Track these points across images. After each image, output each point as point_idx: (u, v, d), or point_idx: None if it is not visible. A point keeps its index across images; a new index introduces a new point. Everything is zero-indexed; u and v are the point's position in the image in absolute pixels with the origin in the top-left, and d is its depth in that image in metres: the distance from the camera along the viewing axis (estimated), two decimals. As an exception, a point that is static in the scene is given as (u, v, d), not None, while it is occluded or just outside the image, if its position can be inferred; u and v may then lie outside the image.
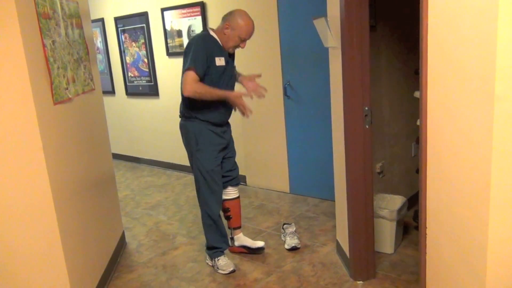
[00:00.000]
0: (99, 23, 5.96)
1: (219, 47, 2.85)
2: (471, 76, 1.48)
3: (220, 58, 2.82)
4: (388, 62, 3.49)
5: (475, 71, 1.46)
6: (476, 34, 1.43)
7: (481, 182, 1.48)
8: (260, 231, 3.66)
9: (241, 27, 2.78)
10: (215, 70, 2.80)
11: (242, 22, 2.79)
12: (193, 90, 2.70)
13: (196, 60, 2.70)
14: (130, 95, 5.99)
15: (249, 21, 2.82)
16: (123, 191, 5.02)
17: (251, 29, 2.83)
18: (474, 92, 1.47)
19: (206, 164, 2.92)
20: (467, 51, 1.49)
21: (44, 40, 2.22)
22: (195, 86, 2.70)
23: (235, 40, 2.81)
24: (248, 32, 2.83)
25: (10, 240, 2.21)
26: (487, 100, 1.39)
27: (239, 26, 2.78)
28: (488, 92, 1.38)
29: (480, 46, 1.41)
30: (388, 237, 3.07)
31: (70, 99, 2.54)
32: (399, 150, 3.75)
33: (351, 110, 2.60)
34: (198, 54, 2.72)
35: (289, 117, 4.36)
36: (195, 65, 2.69)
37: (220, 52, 2.84)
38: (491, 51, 1.35)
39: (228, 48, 2.85)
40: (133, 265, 3.26)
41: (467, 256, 1.62)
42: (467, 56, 1.50)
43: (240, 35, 2.80)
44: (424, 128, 1.86)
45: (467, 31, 1.48)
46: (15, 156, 2.13)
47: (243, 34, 2.80)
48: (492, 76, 1.35)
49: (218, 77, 2.83)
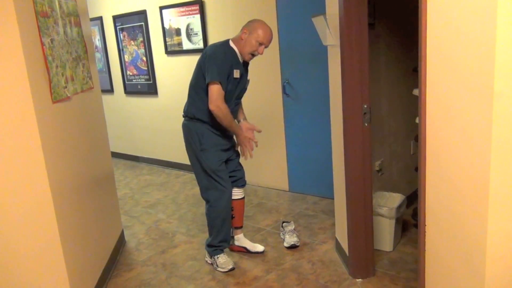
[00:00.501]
0: (98, 22, 5.95)
1: (237, 58, 2.86)
2: (470, 73, 1.49)
3: (236, 71, 2.84)
4: (386, 59, 3.49)
5: (474, 68, 1.46)
6: (475, 30, 1.43)
7: (480, 179, 1.48)
8: (259, 229, 3.66)
9: (259, 30, 2.79)
10: (231, 83, 2.82)
11: (260, 26, 2.80)
12: (218, 107, 2.73)
13: (221, 74, 2.73)
14: (129, 94, 5.99)
15: (268, 28, 2.83)
16: (122, 190, 5.02)
17: (269, 34, 2.82)
18: (473, 89, 1.47)
19: (212, 163, 2.92)
20: (466, 48, 1.49)
21: (42, 38, 2.21)
22: (222, 105, 2.74)
23: (252, 44, 2.79)
24: (266, 36, 2.80)
25: (10, 238, 2.21)
26: (486, 97, 1.39)
27: (257, 29, 2.78)
28: (488, 89, 1.38)
29: (479, 43, 1.41)
30: (387, 235, 3.07)
31: (68, 98, 2.54)
32: (398, 148, 3.76)
33: (350, 108, 2.60)
34: (223, 69, 2.75)
35: (288, 115, 4.36)
36: (221, 79, 2.72)
37: (237, 64, 2.85)
38: (490, 48, 1.35)
39: (245, 54, 2.84)
40: (133, 263, 3.27)
41: (466, 253, 1.63)
42: (466, 53, 1.50)
43: (258, 39, 2.78)
44: (423, 125, 1.86)
45: (466, 28, 1.48)
46: (14, 155, 2.13)
47: (261, 37, 2.78)
48: (491, 73, 1.35)
49: (231, 89, 2.85)
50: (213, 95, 2.72)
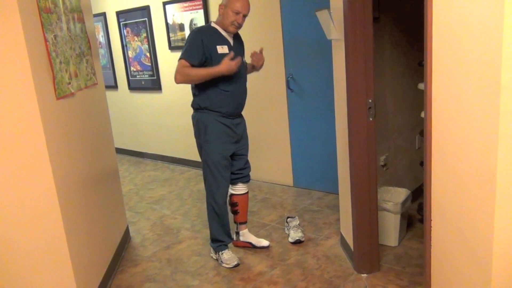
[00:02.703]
0: (101, 18, 5.94)
1: (220, 35, 2.87)
2: (476, 67, 1.47)
3: (222, 46, 2.84)
4: (391, 54, 3.47)
5: (480, 61, 1.44)
6: (482, 23, 1.41)
7: (487, 174, 1.47)
8: (264, 225, 3.66)
9: (232, 1, 2.78)
10: (219, 59, 2.78)
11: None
12: (181, 75, 2.76)
13: (188, 51, 2.78)
14: (133, 90, 5.99)
15: None
16: (126, 186, 5.03)
17: (243, 1, 2.81)
18: (480, 82, 1.45)
19: (213, 156, 2.92)
20: (473, 41, 1.48)
21: (46, 34, 2.21)
22: (182, 70, 2.76)
23: (229, 15, 2.80)
24: (239, 4, 2.78)
25: (15, 235, 2.22)
26: (493, 90, 1.37)
27: (230, 1, 2.79)
28: (494, 82, 1.36)
29: (486, 36, 1.39)
30: (392, 230, 3.06)
31: (72, 94, 2.54)
32: (403, 143, 3.74)
33: (354, 103, 2.59)
34: (191, 46, 2.79)
35: (292, 110, 4.35)
36: (186, 55, 2.77)
37: (222, 40, 2.86)
38: (497, 41, 1.33)
39: (227, 27, 2.84)
40: (138, 259, 3.27)
41: (472, 248, 1.62)
42: (472, 47, 1.48)
43: (233, 9, 2.78)
44: (429, 120, 1.85)
45: (473, 21, 1.47)
46: (19, 152, 2.13)
47: (235, 6, 2.78)
48: (498, 66, 1.33)
49: None
50: (177, 68, 2.77)
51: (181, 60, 2.77)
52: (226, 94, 2.87)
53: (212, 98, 2.86)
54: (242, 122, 3.06)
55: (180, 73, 2.76)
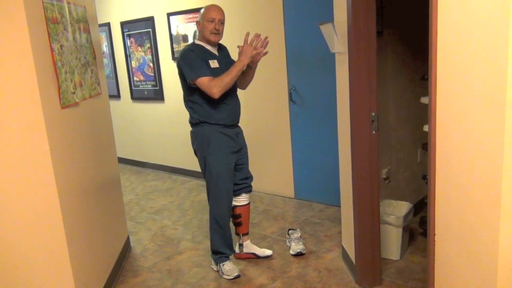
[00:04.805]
0: (105, 28, 5.99)
1: (207, 51, 2.91)
2: (481, 82, 1.47)
3: (213, 61, 2.89)
4: (394, 67, 3.49)
5: (485, 76, 1.45)
6: (487, 38, 1.42)
7: (492, 187, 1.46)
8: (265, 237, 3.64)
9: (203, 11, 2.86)
10: (213, 73, 2.82)
11: (203, 9, 2.88)
12: (217, 87, 2.74)
13: (197, 69, 2.78)
14: (135, 99, 6.01)
15: (210, 4, 2.90)
16: (128, 195, 5.02)
17: (212, 7, 2.86)
18: (485, 97, 1.46)
19: (217, 167, 2.92)
20: (478, 56, 1.48)
21: (52, 44, 2.23)
22: (214, 83, 2.74)
23: (206, 26, 2.84)
24: (210, 11, 2.84)
25: (17, 243, 2.21)
26: (498, 105, 1.38)
27: (202, 12, 2.87)
28: (500, 97, 1.37)
29: (491, 51, 1.40)
30: (394, 243, 3.05)
31: (77, 103, 2.55)
32: (405, 156, 3.74)
33: (358, 116, 2.60)
34: (196, 63, 2.80)
35: (294, 122, 4.36)
36: (200, 73, 2.77)
37: (210, 56, 2.91)
38: (502, 56, 1.34)
39: (209, 38, 2.88)
40: (138, 269, 3.26)
41: (477, 263, 1.61)
42: (477, 61, 1.49)
43: (207, 18, 2.83)
44: (433, 133, 1.85)
45: (478, 35, 1.48)
46: (23, 159, 2.13)
47: (207, 15, 2.83)
48: (504, 81, 1.34)
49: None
50: (205, 86, 2.76)
51: (200, 79, 2.75)
52: (224, 107, 2.90)
53: (211, 112, 2.88)
54: (240, 131, 3.09)
55: (215, 86, 2.73)
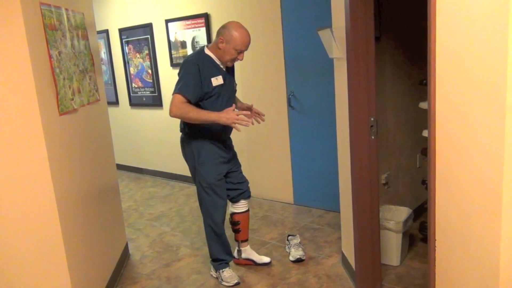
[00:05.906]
0: (104, 35, 6.00)
1: (215, 65, 2.78)
2: (481, 86, 1.47)
3: (217, 78, 2.75)
4: (392, 73, 3.49)
5: (485, 80, 1.44)
6: (487, 42, 1.42)
7: (493, 192, 1.46)
8: (265, 243, 3.63)
9: (236, 39, 2.67)
10: (213, 92, 2.75)
11: (236, 34, 2.68)
12: (179, 111, 2.63)
13: (186, 86, 2.66)
14: (134, 106, 6.01)
15: (244, 31, 2.71)
16: (126, 202, 5.00)
17: (247, 40, 2.71)
18: (485, 102, 1.46)
19: (209, 177, 2.88)
20: (477, 60, 1.48)
21: (50, 51, 2.23)
22: (181, 106, 2.63)
23: (231, 53, 2.71)
24: (244, 43, 2.70)
25: (14, 251, 2.20)
26: (498, 109, 1.38)
27: (234, 38, 2.67)
28: (500, 101, 1.36)
29: (491, 55, 1.40)
30: (394, 249, 3.03)
31: (75, 110, 2.54)
32: (404, 161, 3.73)
33: (357, 121, 2.59)
34: (190, 81, 2.67)
35: (293, 127, 4.35)
36: (184, 90, 2.65)
37: (216, 71, 2.77)
38: (502, 60, 1.34)
39: (225, 62, 2.77)
40: (137, 276, 3.23)
41: (478, 269, 1.60)
42: (477, 65, 1.49)
43: (236, 47, 2.69)
44: (432, 138, 1.84)
45: (477, 40, 1.48)
46: (21, 166, 2.12)
47: (239, 45, 2.69)
48: (504, 85, 1.34)
49: (217, 96, 2.79)
50: (173, 103, 2.63)
51: (177, 94, 2.64)
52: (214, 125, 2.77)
53: (204, 125, 2.78)
54: (230, 141, 3.05)
55: (178, 107, 2.62)
